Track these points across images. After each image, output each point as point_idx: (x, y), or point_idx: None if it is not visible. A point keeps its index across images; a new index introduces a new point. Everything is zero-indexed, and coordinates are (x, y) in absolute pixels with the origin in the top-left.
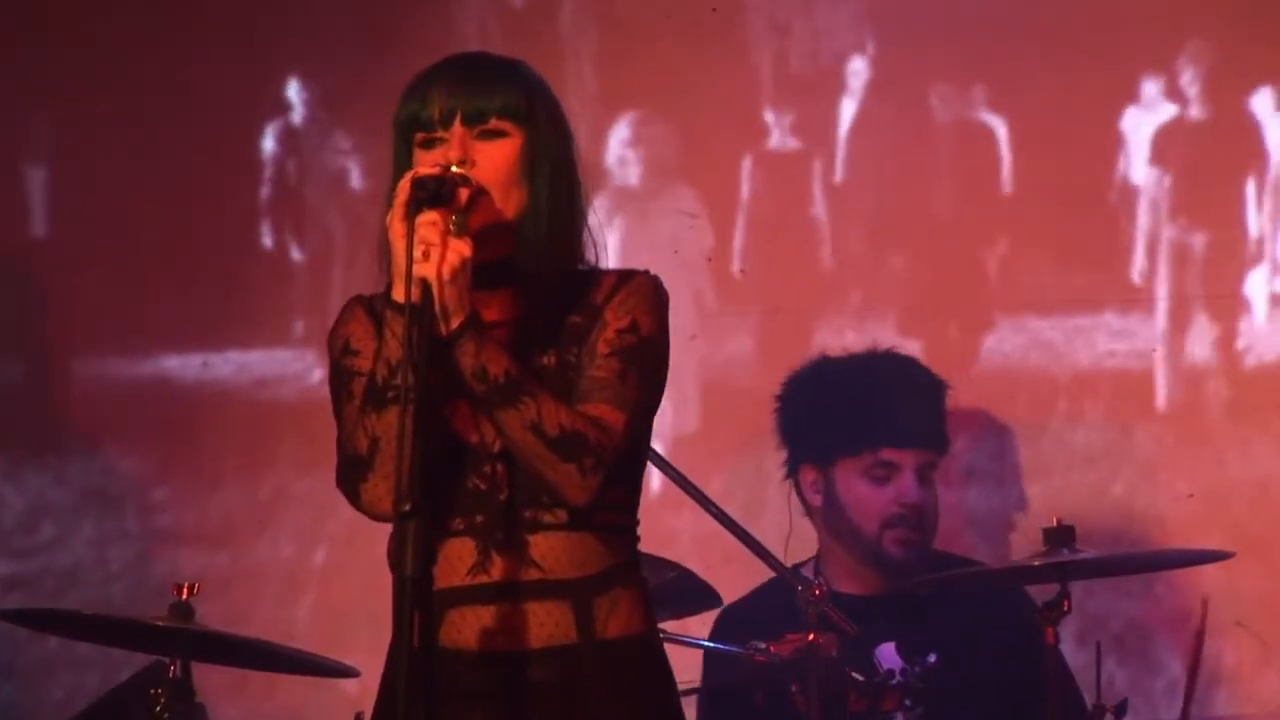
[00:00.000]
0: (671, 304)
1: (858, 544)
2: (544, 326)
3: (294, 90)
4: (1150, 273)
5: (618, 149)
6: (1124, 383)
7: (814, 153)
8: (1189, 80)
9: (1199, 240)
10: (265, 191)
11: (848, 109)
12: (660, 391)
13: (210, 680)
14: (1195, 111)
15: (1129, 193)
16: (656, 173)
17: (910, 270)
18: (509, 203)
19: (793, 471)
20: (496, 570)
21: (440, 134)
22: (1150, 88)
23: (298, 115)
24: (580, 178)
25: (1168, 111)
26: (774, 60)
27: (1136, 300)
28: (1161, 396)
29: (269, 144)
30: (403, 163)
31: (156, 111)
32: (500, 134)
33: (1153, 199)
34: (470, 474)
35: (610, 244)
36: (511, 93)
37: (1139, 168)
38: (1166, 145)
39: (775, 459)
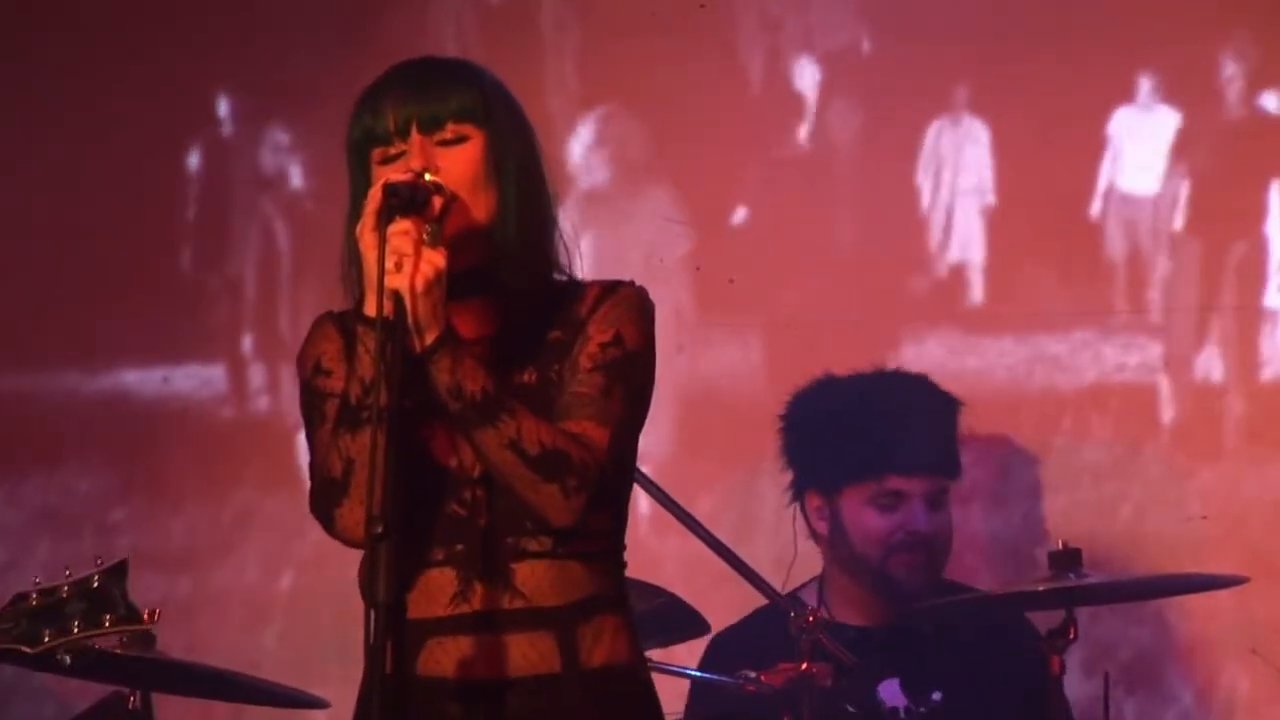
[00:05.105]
0: (657, 314)
1: (864, 571)
2: (523, 342)
3: (236, 102)
4: (1161, 284)
5: (601, 149)
6: (1133, 399)
7: (807, 155)
8: (1205, 82)
9: (1214, 251)
10: (220, 202)
11: (842, 109)
12: (646, 407)
13: (172, 712)
14: (1213, 115)
15: (1140, 200)
16: (644, 176)
17: (907, 278)
18: (478, 207)
19: (797, 496)
20: (478, 600)
21: (399, 146)
22: (1160, 90)
23: (266, 125)
24: (547, 176)
25: (1183, 115)
26: (765, 59)
27: (1146, 313)
28: (1172, 413)
29: (222, 155)
30: (360, 183)
31: (115, 117)
32: (460, 139)
33: (1166, 207)
34: (449, 500)
35: (588, 248)
36: (466, 94)
37: (1152, 174)
38: (1181, 151)
39: (767, 478)
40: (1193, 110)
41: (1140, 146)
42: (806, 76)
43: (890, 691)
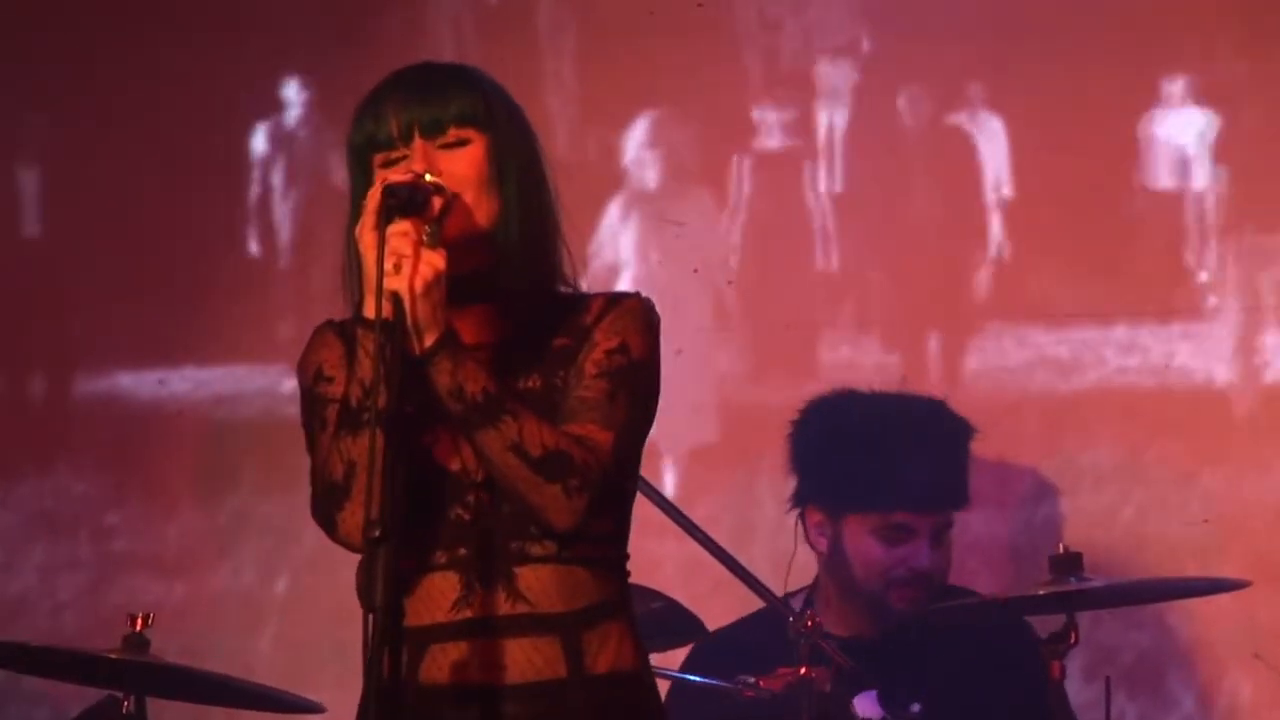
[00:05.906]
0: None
1: (858, 595)
2: (527, 348)
3: (234, 102)
4: (1163, 284)
5: (600, 151)
6: (1135, 400)
7: (807, 156)
8: (1220, 81)
9: (1219, 250)
10: (217, 205)
11: (842, 109)
12: (651, 417)
13: (166, 716)
14: (1216, 115)
15: (1144, 199)
16: (641, 177)
17: (906, 280)
18: (480, 210)
19: (799, 504)
20: (482, 605)
21: (401, 151)
22: (1175, 88)
23: (289, 118)
24: (549, 179)
25: (1190, 114)
26: (764, 59)
27: (1148, 314)
28: (1174, 415)
29: (255, 144)
30: (361, 187)
31: (109, 118)
32: (462, 142)
33: (1170, 206)
34: (452, 504)
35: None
36: (466, 98)
37: (1156, 173)
38: (1190, 151)
39: (765, 481)
40: (1203, 109)
41: (1151, 146)
42: (806, 77)
43: (866, 704)
